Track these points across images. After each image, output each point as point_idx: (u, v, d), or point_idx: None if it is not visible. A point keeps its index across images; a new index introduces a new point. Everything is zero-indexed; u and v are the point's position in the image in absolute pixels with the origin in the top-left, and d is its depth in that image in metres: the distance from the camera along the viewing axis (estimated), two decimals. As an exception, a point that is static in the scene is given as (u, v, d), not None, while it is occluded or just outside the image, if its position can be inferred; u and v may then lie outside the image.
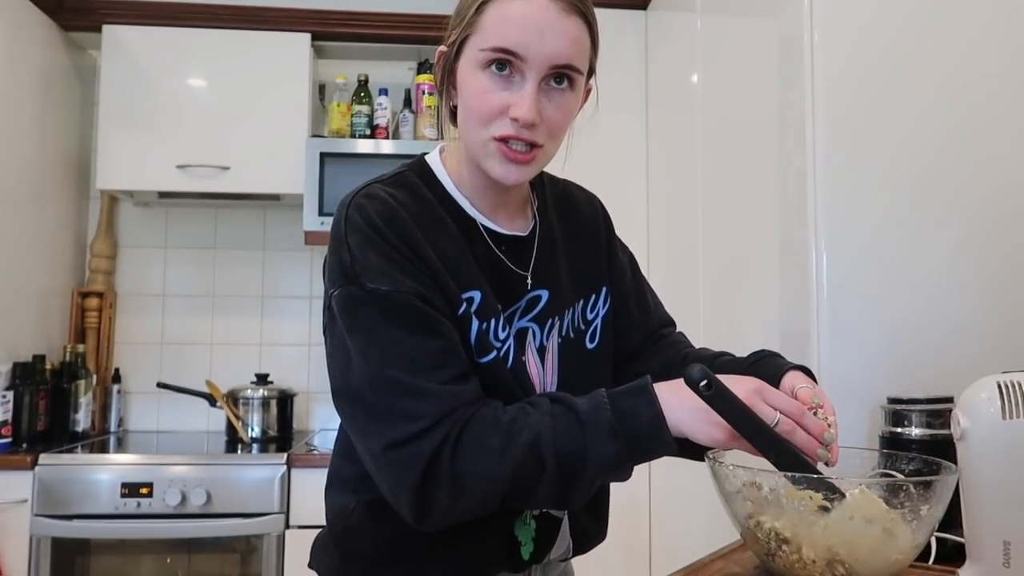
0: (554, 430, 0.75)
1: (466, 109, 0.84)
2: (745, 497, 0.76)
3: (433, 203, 0.88)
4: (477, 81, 0.82)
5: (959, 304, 1.31)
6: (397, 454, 0.75)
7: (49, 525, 2.07)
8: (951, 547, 0.91)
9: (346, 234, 0.81)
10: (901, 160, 1.33)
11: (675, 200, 2.18)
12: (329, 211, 2.43)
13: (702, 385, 0.77)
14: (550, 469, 0.74)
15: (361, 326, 0.79)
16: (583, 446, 0.75)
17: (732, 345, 1.07)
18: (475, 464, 0.74)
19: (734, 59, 1.76)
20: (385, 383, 0.76)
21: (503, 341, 0.86)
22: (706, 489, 0.85)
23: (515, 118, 0.80)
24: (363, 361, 0.78)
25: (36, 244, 2.51)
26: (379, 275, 0.79)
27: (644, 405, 0.76)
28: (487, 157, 0.84)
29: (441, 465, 0.74)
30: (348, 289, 0.80)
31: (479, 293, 0.85)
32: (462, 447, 0.75)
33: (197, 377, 2.68)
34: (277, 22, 2.62)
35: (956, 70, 1.35)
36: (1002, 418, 0.75)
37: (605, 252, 1.04)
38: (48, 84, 2.55)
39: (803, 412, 0.76)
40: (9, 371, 2.32)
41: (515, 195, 0.94)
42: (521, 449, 0.74)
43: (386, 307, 0.78)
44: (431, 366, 0.77)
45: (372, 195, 0.84)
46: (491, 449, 0.74)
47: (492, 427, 0.76)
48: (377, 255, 0.80)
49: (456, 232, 0.87)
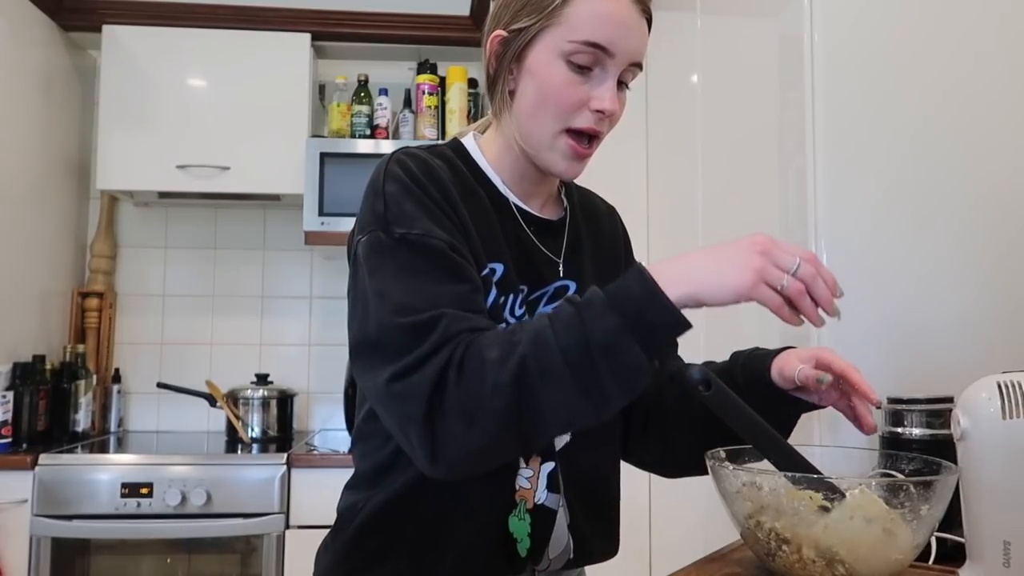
0: (552, 328, 0.71)
1: (541, 98, 0.84)
2: (745, 497, 0.76)
3: (468, 177, 0.88)
4: (558, 72, 0.83)
5: (959, 304, 1.31)
6: (400, 385, 0.72)
7: (49, 525, 2.07)
8: (951, 547, 0.91)
9: (384, 184, 0.81)
10: (901, 160, 1.33)
11: (675, 200, 2.18)
12: (329, 211, 2.44)
13: (702, 385, 0.77)
14: (556, 365, 0.69)
15: (384, 269, 0.77)
16: (583, 329, 0.69)
17: (732, 345, 1.07)
18: (481, 381, 0.70)
19: (734, 59, 1.76)
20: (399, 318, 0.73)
21: (518, 319, 0.85)
22: (706, 489, 0.84)
23: (599, 110, 0.83)
24: (379, 302, 0.75)
25: (36, 244, 2.51)
26: (411, 221, 0.78)
27: (634, 278, 0.71)
28: (551, 150, 0.86)
29: (447, 389, 0.70)
30: (376, 235, 0.79)
31: (502, 266, 0.86)
32: (466, 367, 0.71)
33: (197, 377, 2.68)
34: (277, 22, 2.62)
35: (956, 70, 1.35)
36: (1002, 418, 0.75)
37: (624, 265, 1.04)
38: (48, 84, 2.55)
39: (818, 259, 0.72)
40: (9, 371, 2.32)
41: (549, 187, 0.96)
42: (523, 348, 0.70)
43: (414, 251, 0.77)
44: (452, 307, 0.74)
45: (412, 154, 0.85)
46: (492, 361, 0.70)
47: (491, 341, 0.72)
48: (413, 203, 0.80)
49: (488, 205, 0.88)
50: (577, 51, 0.82)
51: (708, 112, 1.93)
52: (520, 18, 0.85)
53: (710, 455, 0.81)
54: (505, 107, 0.88)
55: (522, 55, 0.86)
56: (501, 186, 0.91)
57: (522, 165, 0.91)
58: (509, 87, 0.87)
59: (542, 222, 0.93)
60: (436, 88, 2.67)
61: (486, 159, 0.92)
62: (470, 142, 0.94)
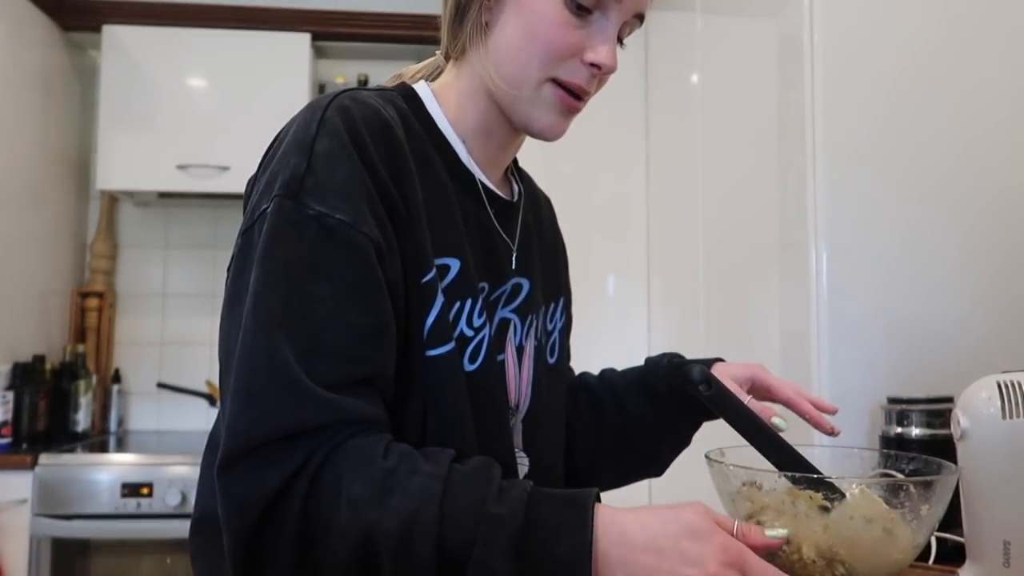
0: (441, 519, 0.52)
1: (527, 36, 0.68)
2: (745, 497, 0.76)
3: (422, 137, 0.70)
4: (552, 7, 0.67)
5: (959, 304, 1.31)
6: (231, 481, 0.54)
7: (49, 525, 2.07)
8: (951, 547, 0.91)
9: (315, 137, 0.61)
10: (901, 160, 1.33)
11: (675, 200, 2.18)
12: (329, 211, 2.43)
13: (702, 385, 0.77)
14: (421, 556, 0.52)
15: (274, 260, 0.58)
16: (469, 547, 0.52)
17: (733, 345, 1.07)
18: (331, 511, 0.53)
19: (734, 59, 1.76)
20: (265, 352, 0.55)
21: (477, 330, 0.68)
22: (706, 489, 0.84)
23: (595, 64, 0.69)
24: (254, 309, 0.57)
25: (36, 244, 2.51)
26: (338, 199, 0.59)
27: (568, 530, 0.52)
28: (533, 101, 0.70)
29: (290, 503, 0.53)
30: (283, 203, 0.59)
31: (458, 262, 0.68)
32: (321, 483, 0.54)
33: (197, 377, 2.68)
34: (277, 22, 2.62)
35: (956, 70, 1.35)
36: (1002, 418, 0.75)
37: (563, 259, 0.92)
38: (48, 84, 2.55)
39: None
40: (9, 371, 2.32)
41: (512, 153, 0.80)
42: (384, 516, 0.52)
43: (324, 243, 0.58)
44: (340, 352, 0.57)
45: (361, 100, 0.65)
46: (351, 499, 0.53)
47: (362, 466, 0.54)
48: (348, 173, 0.60)
49: (446, 179, 0.70)
50: None
51: (708, 112, 1.93)
52: None
53: (709, 454, 0.81)
54: (478, 40, 0.71)
55: None
56: (464, 154, 0.74)
57: (491, 118, 0.74)
58: (484, 18, 0.71)
59: (502, 202, 0.77)
60: (436, 88, 2.66)
61: (443, 113, 0.74)
62: (423, 89, 0.75)
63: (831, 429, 0.83)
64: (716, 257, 1.84)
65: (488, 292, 0.73)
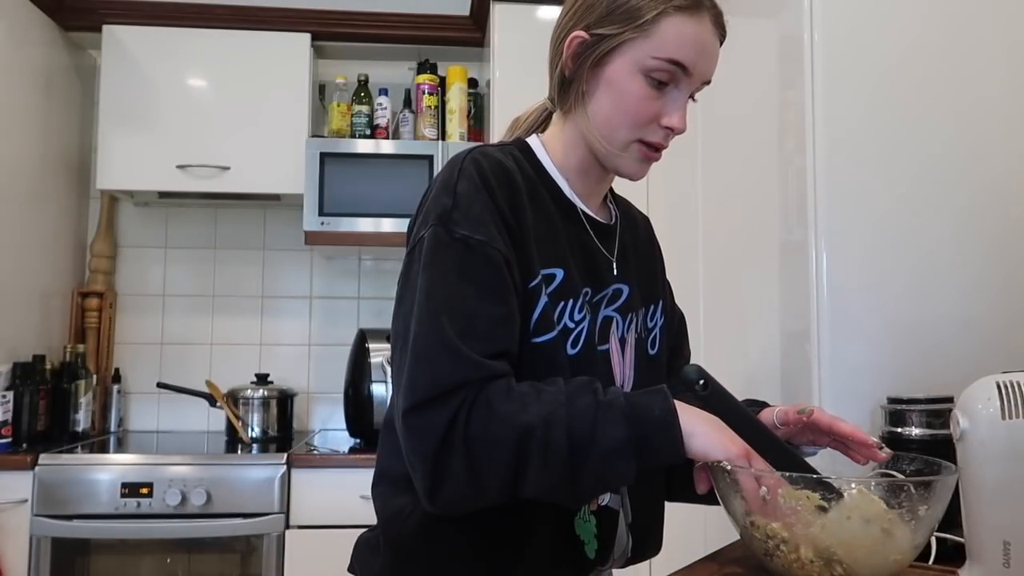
0: (568, 411, 0.75)
1: (618, 107, 0.87)
2: (743, 496, 0.76)
3: (534, 178, 0.90)
4: (637, 85, 0.86)
5: (959, 304, 1.31)
6: (417, 418, 0.75)
7: (49, 525, 2.07)
8: (951, 547, 0.90)
9: (458, 181, 0.83)
10: (901, 160, 1.33)
11: (675, 200, 2.17)
12: (329, 211, 2.44)
13: (698, 385, 0.77)
14: (557, 444, 0.73)
15: (436, 269, 0.80)
16: (593, 429, 0.74)
17: (733, 345, 1.07)
18: (486, 428, 0.74)
19: (734, 59, 1.75)
20: (434, 331, 0.77)
21: (577, 323, 0.87)
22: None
23: (670, 127, 0.87)
24: (424, 302, 0.78)
25: (36, 244, 2.51)
26: (476, 225, 0.80)
27: (658, 401, 0.77)
28: (623, 156, 0.89)
29: (456, 430, 0.74)
30: (438, 230, 0.81)
31: (562, 271, 0.87)
32: (475, 412, 0.75)
33: (197, 377, 2.68)
34: (277, 22, 2.62)
35: (956, 69, 1.35)
36: (1002, 418, 0.75)
37: (661, 269, 1.09)
38: (48, 84, 2.55)
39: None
40: (9, 371, 2.32)
41: (607, 186, 1.00)
42: (533, 417, 0.74)
43: (469, 256, 0.79)
44: (484, 333, 0.78)
45: (488, 155, 0.87)
46: (501, 415, 0.74)
47: (504, 395, 0.76)
48: (481, 207, 0.81)
49: (552, 209, 0.90)
50: (659, 68, 0.85)
51: (708, 112, 1.93)
52: (606, 24, 0.86)
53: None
54: (580, 106, 0.91)
55: (602, 61, 0.87)
56: (567, 189, 0.93)
57: (588, 162, 0.93)
58: (583, 89, 0.90)
59: (600, 225, 0.96)
60: (436, 88, 2.66)
61: (551, 159, 0.94)
62: (535, 142, 0.96)
63: (883, 456, 0.84)
64: (716, 257, 1.84)
65: (591, 295, 0.91)
